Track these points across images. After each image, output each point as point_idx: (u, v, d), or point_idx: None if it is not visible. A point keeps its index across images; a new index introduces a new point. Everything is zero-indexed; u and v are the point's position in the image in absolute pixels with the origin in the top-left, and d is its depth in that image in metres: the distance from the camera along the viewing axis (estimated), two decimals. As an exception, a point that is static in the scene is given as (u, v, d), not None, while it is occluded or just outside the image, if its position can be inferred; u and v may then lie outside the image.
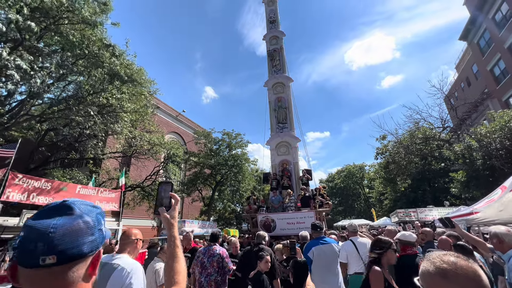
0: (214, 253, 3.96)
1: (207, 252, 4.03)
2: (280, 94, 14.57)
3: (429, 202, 19.09)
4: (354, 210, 45.60)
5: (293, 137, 13.29)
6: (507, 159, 10.44)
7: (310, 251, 3.82)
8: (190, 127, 33.55)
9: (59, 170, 16.13)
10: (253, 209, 10.67)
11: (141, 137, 14.22)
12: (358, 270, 3.97)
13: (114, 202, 10.12)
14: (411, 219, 13.23)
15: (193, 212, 29.38)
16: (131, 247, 2.08)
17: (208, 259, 3.92)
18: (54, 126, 12.67)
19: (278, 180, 12.05)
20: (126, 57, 9.03)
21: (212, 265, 3.87)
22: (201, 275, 3.85)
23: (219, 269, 3.87)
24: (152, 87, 14.92)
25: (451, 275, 0.83)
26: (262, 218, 9.69)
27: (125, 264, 1.83)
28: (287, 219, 9.42)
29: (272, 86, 14.83)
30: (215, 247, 4.07)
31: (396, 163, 19.40)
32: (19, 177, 7.17)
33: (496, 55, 19.49)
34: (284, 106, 14.18)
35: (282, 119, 13.93)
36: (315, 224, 4.18)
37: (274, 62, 15.54)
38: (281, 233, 9.17)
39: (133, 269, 1.83)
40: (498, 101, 19.34)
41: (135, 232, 2.19)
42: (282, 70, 15.21)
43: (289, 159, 12.94)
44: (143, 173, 19.65)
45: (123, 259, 1.90)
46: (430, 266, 0.91)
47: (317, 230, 4.12)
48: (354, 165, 48.14)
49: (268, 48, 16.17)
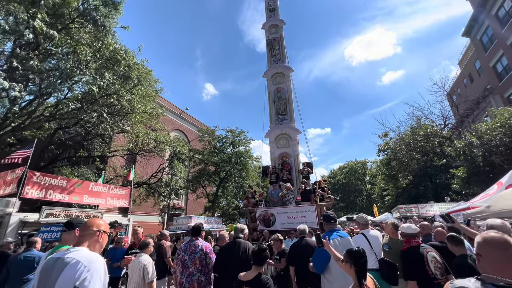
0: (196, 249, 3.47)
1: (188, 248, 3.52)
2: (279, 84, 13.95)
3: (430, 198, 19.30)
4: (356, 206, 45.91)
5: (293, 129, 12.73)
6: (507, 155, 10.66)
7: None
8: (194, 124, 33.90)
9: (68, 168, 16.58)
10: (251, 204, 10.38)
11: (147, 135, 14.56)
12: (371, 266, 3.51)
13: (124, 198, 10.50)
14: (412, 214, 13.51)
15: (198, 208, 29.88)
16: (91, 239, 1.80)
17: (190, 256, 3.44)
18: (64, 125, 13.06)
19: (277, 174, 11.64)
20: (137, 61, 9.31)
21: (194, 263, 3.40)
22: (182, 275, 3.38)
23: (202, 267, 3.41)
24: (157, 86, 15.26)
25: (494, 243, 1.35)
26: (261, 213, 9.46)
27: (81, 257, 1.60)
28: (287, 213, 9.19)
29: (272, 77, 14.19)
30: (197, 242, 3.56)
31: (398, 160, 19.62)
32: (37, 175, 7.53)
33: (499, 52, 19.50)
34: (284, 97, 13.59)
35: (281, 110, 13.34)
36: (329, 215, 3.54)
37: (273, 51, 14.91)
38: (281, 228, 8.96)
39: (91, 263, 1.60)
40: (501, 97, 19.42)
41: (98, 223, 1.91)
42: (282, 60, 14.57)
43: (289, 152, 12.45)
44: (149, 170, 20.07)
45: (79, 252, 1.66)
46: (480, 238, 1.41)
47: (331, 222, 3.47)
48: (356, 161, 48.33)
49: (268, 37, 15.48)
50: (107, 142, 14.97)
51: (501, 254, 1.28)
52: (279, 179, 11.40)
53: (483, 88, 21.40)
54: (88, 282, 1.54)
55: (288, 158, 12.33)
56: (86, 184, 9.03)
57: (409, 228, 3.34)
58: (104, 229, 1.92)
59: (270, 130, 13.08)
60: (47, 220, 7.20)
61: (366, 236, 3.77)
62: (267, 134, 13.13)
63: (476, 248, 1.41)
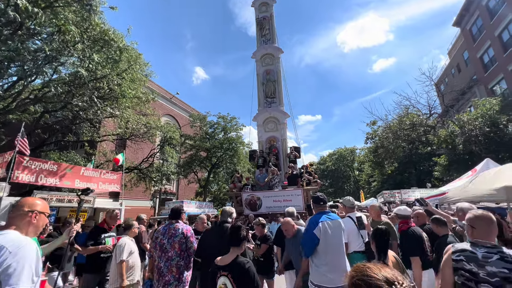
0: (176, 233, 3.31)
1: (167, 232, 3.36)
2: (269, 66, 13.42)
3: (414, 184, 20.23)
4: (344, 191, 47.43)
5: (282, 112, 12.46)
6: (485, 144, 11.26)
7: (317, 228, 2.95)
8: (184, 109, 33.47)
9: (56, 153, 16.30)
10: (237, 188, 10.29)
11: (137, 121, 14.40)
12: (358, 248, 3.62)
13: (115, 183, 10.56)
14: (395, 199, 14.23)
15: (189, 193, 30.18)
16: (22, 221, 1.60)
17: (169, 240, 3.29)
18: (50, 109, 12.72)
19: (264, 158, 11.51)
20: (126, 43, 9.05)
21: (173, 247, 3.25)
22: (160, 259, 3.24)
23: (181, 252, 3.28)
24: (147, 70, 14.91)
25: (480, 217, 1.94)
26: (247, 197, 9.40)
27: (6, 242, 1.42)
28: (273, 197, 9.14)
29: (261, 58, 13.62)
30: (177, 225, 3.40)
31: (385, 148, 20.28)
32: (26, 159, 7.47)
33: (486, 42, 19.93)
34: (273, 79, 13.13)
35: (270, 93, 12.93)
36: (318, 197, 3.27)
37: (263, 31, 14.29)
38: (267, 211, 8.97)
39: (18, 248, 1.42)
40: (485, 88, 20.07)
41: (32, 202, 1.69)
42: (271, 41, 14.01)
43: (276, 136, 12.21)
44: (139, 155, 19.97)
45: (6, 236, 1.48)
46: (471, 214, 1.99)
47: (320, 203, 3.22)
48: (346, 148, 49.39)
49: (257, 16, 14.75)
50: (96, 127, 14.72)
51: (487, 226, 1.89)
52: (266, 163, 11.29)
53: (470, 78, 21.99)
54: (13, 270, 1.35)
55: (276, 142, 12.13)
56: (77, 168, 9.03)
57: (405, 210, 3.72)
58: (39, 209, 1.67)
59: (258, 113, 12.76)
60: (39, 204, 7.24)
61: (353, 219, 3.77)
62: (255, 118, 12.82)
63: (469, 222, 1.99)
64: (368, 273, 0.80)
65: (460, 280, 1.80)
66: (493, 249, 1.77)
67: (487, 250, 1.78)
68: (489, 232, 1.88)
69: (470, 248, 1.83)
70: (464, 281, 1.77)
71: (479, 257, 1.76)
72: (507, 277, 1.63)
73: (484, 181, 4.11)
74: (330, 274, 2.79)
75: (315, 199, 3.30)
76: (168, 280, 3.18)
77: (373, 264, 0.87)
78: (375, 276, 0.78)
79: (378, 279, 0.77)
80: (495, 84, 18.97)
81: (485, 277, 1.68)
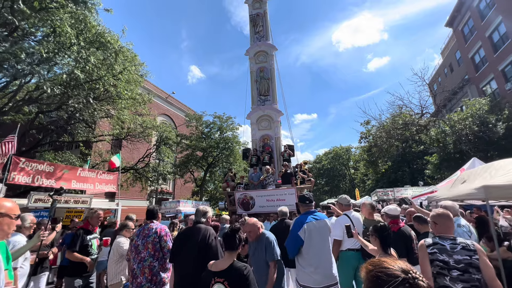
0: (149, 233, 3.22)
1: (141, 232, 3.28)
2: (262, 63, 13.20)
3: (407, 182, 20.60)
4: (339, 190, 47.82)
5: (276, 110, 12.29)
6: (475, 143, 11.57)
7: (302, 229, 2.95)
8: (180, 109, 33.43)
9: (51, 153, 16.23)
10: (230, 186, 10.11)
11: (133, 121, 14.41)
12: (352, 246, 3.63)
13: (112, 184, 10.62)
14: (389, 197, 14.51)
15: (185, 193, 30.23)
16: None
17: (142, 240, 3.19)
18: (45, 109, 12.67)
19: (258, 156, 11.36)
20: (122, 44, 9.08)
21: (147, 247, 3.15)
22: (134, 261, 3.15)
23: (155, 252, 3.16)
24: (143, 70, 14.91)
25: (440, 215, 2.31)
26: (240, 196, 9.20)
27: None
28: (266, 196, 8.95)
29: (254, 55, 13.40)
30: (151, 225, 3.31)
31: (378, 147, 20.59)
32: (22, 161, 7.50)
33: (477, 43, 20.30)
34: (267, 76, 12.90)
35: (264, 91, 12.69)
36: (304, 196, 3.25)
37: (256, 28, 14.09)
38: (260, 211, 8.77)
39: None
40: (476, 88, 20.48)
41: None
42: (265, 37, 13.80)
43: (270, 134, 12.03)
44: (135, 155, 19.98)
45: None
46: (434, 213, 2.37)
47: (306, 202, 3.20)
48: (341, 147, 49.77)
49: (251, 13, 14.54)
50: (91, 127, 14.70)
51: (447, 222, 2.25)
52: (260, 161, 11.19)
53: (462, 78, 22.40)
54: None
55: (269, 140, 11.97)
56: (74, 169, 9.07)
57: (395, 210, 3.72)
58: (4, 211, 1.56)
59: (252, 111, 12.52)
60: (36, 205, 7.29)
61: (349, 217, 3.79)
62: (248, 116, 12.58)
63: (433, 219, 2.35)
64: (385, 265, 0.88)
65: (435, 270, 2.07)
66: (455, 240, 2.13)
67: (451, 242, 2.13)
68: (449, 227, 2.26)
69: (439, 241, 2.15)
70: (439, 270, 2.06)
71: (448, 248, 2.09)
72: (470, 262, 2.00)
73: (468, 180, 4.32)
74: (315, 275, 2.81)
75: (301, 198, 3.26)
76: (140, 282, 3.05)
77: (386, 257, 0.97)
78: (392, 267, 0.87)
79: (395, 269, 0.86)
80: (486, 84, 19.37)
81: (454, 264, 2.01)
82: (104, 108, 10.52)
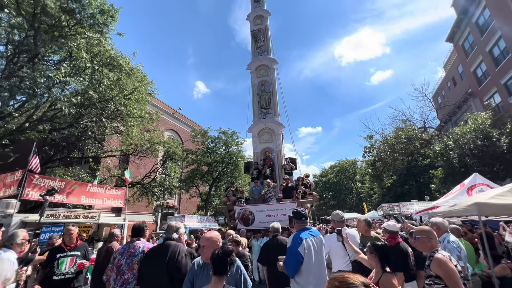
0: (135, 252, 2.96)
1: (126, 251, 2.99)
2: (263, 77, 13.42)
3: (414, 196, 20.30)
4: (346, 204, 47.09)
5: (277, 123, 12.28)
6: (479, 157, 11.53)
7: (301, 245, 2.81)
8: (187, 124, 34.14)
9: (61, 169, 16.74)
10: (231, 201, 9.82)
11: (141, 137, 14.89)
12: (343, 267, 3.43)
13: (120, 199, 10.90)
14: (394, 212, 14.35)
15: (190, 207, 30.27)
16: None
17: (127, 260, 2.91)
18: (57, 127, 13.27)
19: (259, 170, 11.19)
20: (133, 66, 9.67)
21: (132, 268, 2.86)
22: (116, 282, 2.82)
23: None
24: (151, 88, 15.57)
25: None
26: (239, 211, 8.85)
27: None
28: (266, 211, 8.61)
29: (256, 69, 13.69)
30: (137, 243, 3.05)
31: (382, 161, 20.53)
32: (36, 177, 7.88)
33: (478, 57, 20.57)
34: (268, 90, 13.03)
35: (265, 104, 12.76)
36: (299, 212, 3.13)
37: (258, 43, 14.40)
38: (260, 227, 8.38)
39: None
40: (480, 101, 20.52)
41: None
42: (266, 52, 14.10)
43: (272, 147, 11.94)
44: (142, 170, 20.36)
45: None
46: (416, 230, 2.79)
47: (302, 219, 3.08)
48: (347, 160, 49.48)
49: (252, 28, 14.95)
50: (101, 143, 15.22)
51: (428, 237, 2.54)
52: (261, 175, 11.02)
53: (465, 91, 22.50)
54: None
55: (271, 153, 11.88)
56: (84, 185, 9.40)
57: (394, 226, 3.81)
58: None
59: (253, 124, 12.53)
60: (47, 220, 7.57)
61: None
62: (250, 129, 12.58)
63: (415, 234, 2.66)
64: (349, 281, 0.95)
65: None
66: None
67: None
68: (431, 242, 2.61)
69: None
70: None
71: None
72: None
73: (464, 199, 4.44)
74: None
75: (296, 215, 3.12)
76: None
77: (346, 273, 1.08)
78: (356, 282, 0.94)
79: (358, 284, 0.93)
80: (490, 97, 19.42)
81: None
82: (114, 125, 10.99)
